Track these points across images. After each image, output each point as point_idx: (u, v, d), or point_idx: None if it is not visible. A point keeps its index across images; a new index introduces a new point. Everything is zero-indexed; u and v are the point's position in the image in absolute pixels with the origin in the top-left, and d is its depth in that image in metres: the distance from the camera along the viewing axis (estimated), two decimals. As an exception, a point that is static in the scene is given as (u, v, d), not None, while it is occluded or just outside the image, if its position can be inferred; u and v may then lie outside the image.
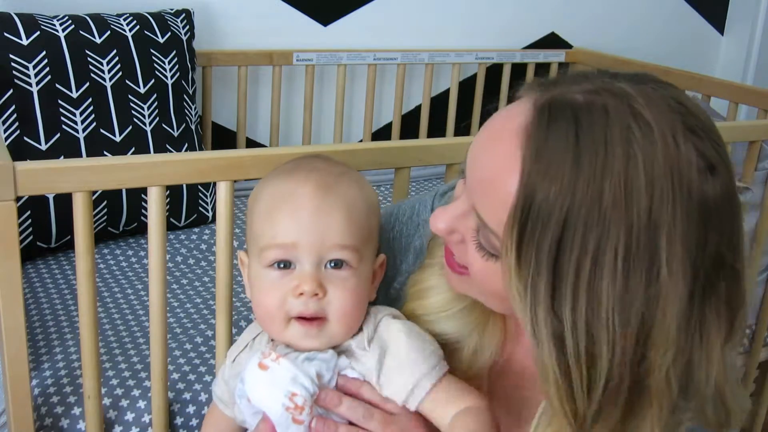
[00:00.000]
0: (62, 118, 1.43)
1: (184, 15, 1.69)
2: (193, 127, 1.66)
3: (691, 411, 0.66)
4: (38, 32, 1.43)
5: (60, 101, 1.44)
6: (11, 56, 1.39)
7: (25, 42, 1.42)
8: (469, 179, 0.66)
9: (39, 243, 1.44)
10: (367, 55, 2.01)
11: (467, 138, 1.20)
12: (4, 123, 1.39)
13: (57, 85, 1.43)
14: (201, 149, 1.70)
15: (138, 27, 1.57)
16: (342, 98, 2.01)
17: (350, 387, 0.73)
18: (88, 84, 1.47)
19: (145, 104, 1.54)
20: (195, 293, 1.39)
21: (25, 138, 1.41)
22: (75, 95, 1.45)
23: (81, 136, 1.45)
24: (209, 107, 1.85)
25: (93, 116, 1.47)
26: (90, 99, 1.47)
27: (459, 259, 0.70)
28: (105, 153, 1.47)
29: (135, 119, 1.52)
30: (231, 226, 0.96)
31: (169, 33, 1.62)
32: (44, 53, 1.42)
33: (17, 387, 0.92)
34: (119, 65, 1.51)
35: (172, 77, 1.60)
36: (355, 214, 0.75)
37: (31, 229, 1.41)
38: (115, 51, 1.51)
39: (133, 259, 1.50)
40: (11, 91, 1.39)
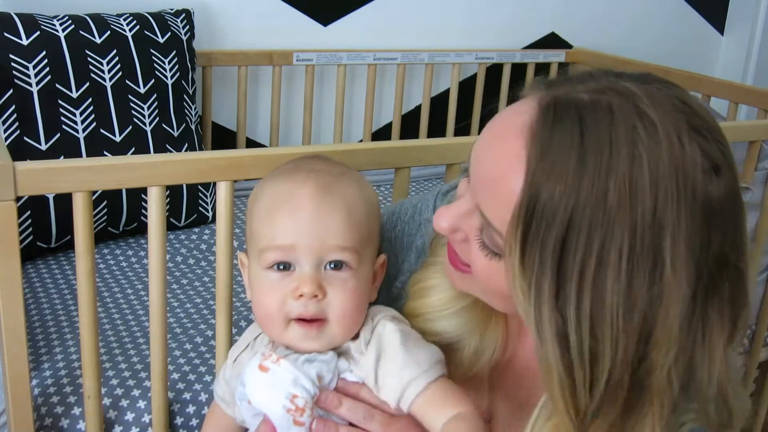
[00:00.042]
0: (62, 118, 1.43)
1: (184, 15, 1.69)
2: (193, 127, 1.66)
3: (694, 411, 0.66)
4: (38, 32, 1.43)
5: (60, 101, 1.43)
6: (11, 56, 1.39)
7: (25, 42, 1.42)
8: (473, 178, 0.66)
9: (39, 243, 1.44)
10: (367, 55, 2.01)
11: (467, 138, 1.20)
12: (4, 123, 1.39)
13: (57, 85, 1.43)
14: (201, 149, 1.70)
15: (138, 27, 1.57)
16: (342, 98, 2.01)
17: (349, 390, 0.73)
18: (88, 84, 1.47)
19: (145, 104, 1.54)
20: (195, 293, 1.39)
21: (25, 138, 1.41)
22: (75, 95, 1.45)
23: (81, 136, 1.45)
24: (209, 107, 1.85)
25: (93, 116, 1.47)
26: (90, 99, 1.47)
27: (462, 258, 0.70)
28: (105, 153, 1.47)
29: (135, 119, 1.52)
30: (231, 226, 0.96)
31: (169, 33, 1.62)
32: (44, 53, 1.42)
33: (17, 387, 0.92)
34: (119, 65, 1.51)
35: (172, 77, 1.60)
36: (355, 215, 0.74)
37: (31, 229, 1.41)
38: (115, 51, 1.51)
39: (133, 259, 1.50)
40: (11, 91, 1.39)
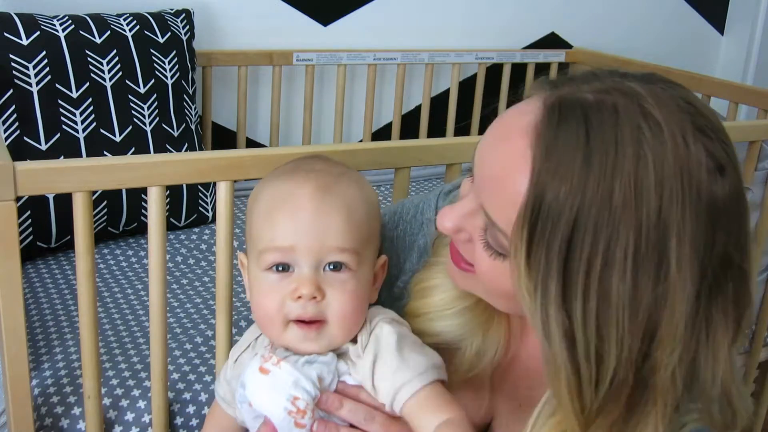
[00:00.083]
0: (62, 118, 1.43)
1: (184, 15, 1.69)
2: (193, 127, 1.66)
3: (697, 412, 0.66)
4: (38, 32, 1.43)
5: (60, 101, 1.43)
6: (11, 56, 1.39)
7: (25, 42, 1.42)
8: (477, 177, 0.66)
9: (39, 243, 1.44)
10: (367, 55, 2.01)
11: (467, 138, 1.20)
12: (4, 123, 1.39)
13: (57, 85, 1.43)
14: (201, 149, 1.70)
15: (138, 27, 1.57)
16: (342, 98, 2.01)
17: (349, 393, 0.73)
18: (88, 84, 1.47)
19: (145, 104, 1.54)
20: (195, 293, 1.39)
21: (25, 138, 1.41)
22: (75, 95, 1.45)
23: (81, 136, 1.45)
24: (209, 107, 1.85)
25: (93, 116, 1.47)
26: (90, 99, 1.47)
27: (466, 258, 0.70)
28: (105, 153, 1.47)
29: (135, 119, 1.52)
30: (231, 226, 0.96)
31: (169, 33, 1.62)
32: (44, 53, 1.42)
33: (17, 387, 0.92)
34: (119, 65, 1.51)
35: (172, 77, 1.60)
36: (355, 216, 0.74)
37: (31, 229, 1.41)
38: (115, 51, 1.51)
39: (133, 259, 1.50)
40: (11, 91, 1.39)
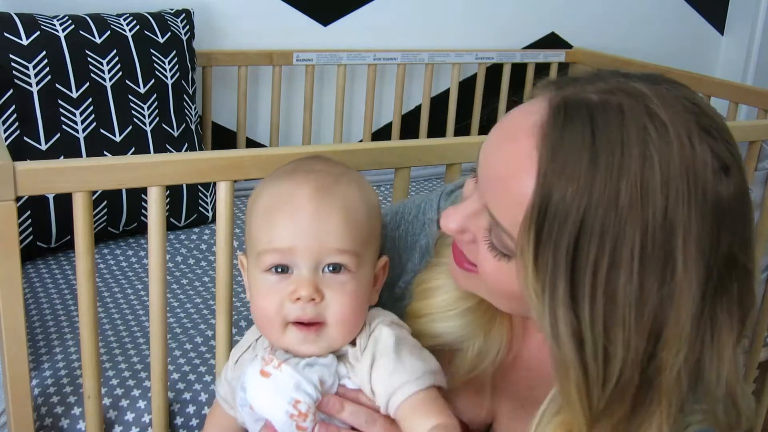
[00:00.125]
0: (62, 118, 1.43)
1: (184, 15, 1.69)
2: (193, 127, 1.66)
3: (701, 413, 0.66)
4: (38, 32, 1.43)
5: (60, 101, 1.43)
6: (11, 56, 1.39)
7: (25, 42, 1.42)
8: (482, 177, 0.66)
9: (39, 243, 1.44)
10: (367, 55, 2.01)
11: (467, 138, 1.21)
12: (4, 123, 1.39)
13: (57, 85, 1.43)
14: (201, 149, 1.70)
15: (138, 27, 1.57)
16: (342, 98, 2.01)
17: (349, 396, 0.72)
18: (88, 84, 1.47)
19: (145, 104, 1.54)
20: (195, 293, 1.39)
21: (25, 138, 1.41)
22: (75, 95, 1.45)
23: (81, 136, 1.45)
24: (209, 107, 1.85)
25: (93, 116, 1.47)
26: (90, 99, 1.47)
27: (469, 258, 0.70)
28: (105, 153, 1.47)
29: (135, 119, 1.52)
30: (231, 226, 0.96)
31: (169, 33, 1.62)
32: (44, 53, 1.42)
33: (17, 387, 0.92)
34: (119, 65, 1.51)
35: (172, 77, 1.60)
36: (355, 217, 0.73)
37: (31, 229, 1.41)
38: (115, 51, 1.51)
39: (133, 259, 1.50)
40: (11, 91, 1.39)
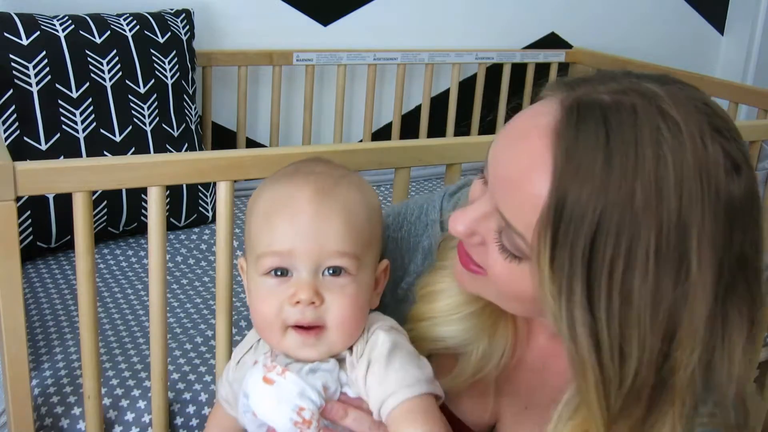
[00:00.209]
0: (62, 118, 1.43)
1: (184, 15, 1.69)
2: (193, 127, 1.66)
3: (707, 415, 0.65)
4: (38, 32, 1.43)
5: (60, 101, 1.43)
6: (11, 56, 1.39)
7: (25, 42, 1.42)
8: (493, 179, 0.65)
9: (39, 243, 1.44)
10: (367, 55, 2.01)
11: (467, 138, 1.21)
12: (4, 123, 1.39)
13: (57, 85, 1.43)
14: (201, 149, 1.70)
15: (138, 27, 1.57)
16: (342, 98, 2.01)
17: (352, 402, 0.72)
18: (88, 84, 1.47)
19: (145, 104, 1.54)
20: (195, 293, 1.39)
21: (25, 138, 1.41)
22: (75, 95, 1.45)
23: (81, 136, 1.45)
24: (209, 107, 1.85)
25: (93, 116, 1.47)
26: (90, 99, 1.47)
27: (477, 261, 0.69)
28: (105, 153, 1.47)
29: (135, 119, 1.52)
30: (231, 226, 0.96)
31: (169, 33, 1.62)
32: (44, 53, 1.42)
33: (17, 387, 0.92)
34: (119, 65, 1.51)
35: (172, 77, 1.60)
36: (355, 219, 0.72)
37: (31, 229, 1.41)
38: (115, 51, 1.51)
39: (133, 259, 1.50)
40: (11, 91, 1.39)
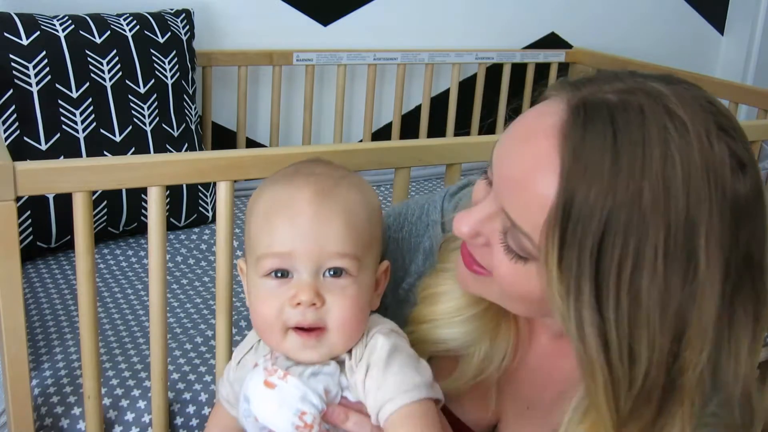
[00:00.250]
0: (62, 118, 1.43)
1: (184, 15, 1.69)
2: (193, 127, 1.66)
3: (711, 416, 0.65)
4: (38, 32, 1.43)
5: (60, 101, 1.44)
6: (11, 56, 1.39)
7: (25, 42, 1.42)
8: (498, 179, 0.65)
9: (39, 243, 1.44)
10: (367, 55, 2.01)
11: (467, 138, 1.20)
12: (4, 123, 1.39)
13: (57, 85, 1.43)
14: (201, 149, 1.70)
15: (138, 27, 1.57)
16: (342, 98, 2.01)
17: (353, 406, 0.72)
18: (88, 84, 1.47)
19: (145, 104, 1.54)
20: (195, 293, 1.39)
21: (25, 138, 1.41)
22: (75, 95, 1.45)
23: (81, 136, 1.45)
24: (209, 107, 1.85)
25: (93, 116, 1.47)
26: (90, 99, 1.47)
27: (481, 262, 0.69)
28: (105, 153, 1.47)
29: (135, 119, 1.52)
30: (231, 226, 0.96)
31: (169, 33, 1.62)
32: (44, 53, 1.42)
33: (17, 387, 0.92)
34: (119, 65, 1.51)
35: (172, 77, 1.60)
36: (355, 220, 0.72)
37: (31, 229, 1.41)
38: (115, 51, 1.51)
39: (133, 259, 1.50)
40: (11, 91, 1.39)
